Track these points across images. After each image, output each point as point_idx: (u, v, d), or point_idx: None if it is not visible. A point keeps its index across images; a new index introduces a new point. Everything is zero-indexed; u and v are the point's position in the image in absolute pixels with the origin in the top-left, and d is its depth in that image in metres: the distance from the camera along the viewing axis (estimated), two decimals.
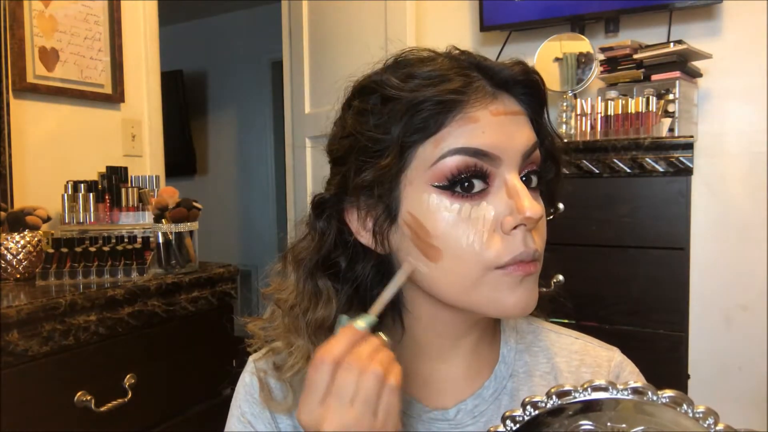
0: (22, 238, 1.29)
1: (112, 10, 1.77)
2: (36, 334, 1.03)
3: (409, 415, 0.57)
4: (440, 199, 0.50)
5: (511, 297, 0.50)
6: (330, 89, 0.59)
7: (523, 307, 0.51)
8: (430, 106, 0.49)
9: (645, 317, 1.47)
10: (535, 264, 0.51)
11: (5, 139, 1.46)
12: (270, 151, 4.38)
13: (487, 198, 0.50)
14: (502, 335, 0.61)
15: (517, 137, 0.51)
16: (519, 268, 0.50)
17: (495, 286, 0.50)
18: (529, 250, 0.50)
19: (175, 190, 1.39)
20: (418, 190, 0.51)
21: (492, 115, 0.50)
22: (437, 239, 0.50)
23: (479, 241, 0.49)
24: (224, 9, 4.27)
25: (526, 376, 0.59)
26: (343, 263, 0.57)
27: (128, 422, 1.17)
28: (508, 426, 0.42)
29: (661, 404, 0.40)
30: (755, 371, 1.74)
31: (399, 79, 0.51)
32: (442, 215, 0.50)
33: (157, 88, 1.95)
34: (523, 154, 0.51)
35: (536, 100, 0.54)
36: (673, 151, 1.43)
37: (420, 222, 0.51)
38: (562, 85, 1.81)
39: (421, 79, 0.51)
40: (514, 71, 0.53)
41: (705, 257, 1.78)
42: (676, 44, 1.65)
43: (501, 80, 0.52)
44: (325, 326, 0.56)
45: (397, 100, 0.50)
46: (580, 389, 0.41)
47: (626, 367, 0.60)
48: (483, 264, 0.49)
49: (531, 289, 0.51)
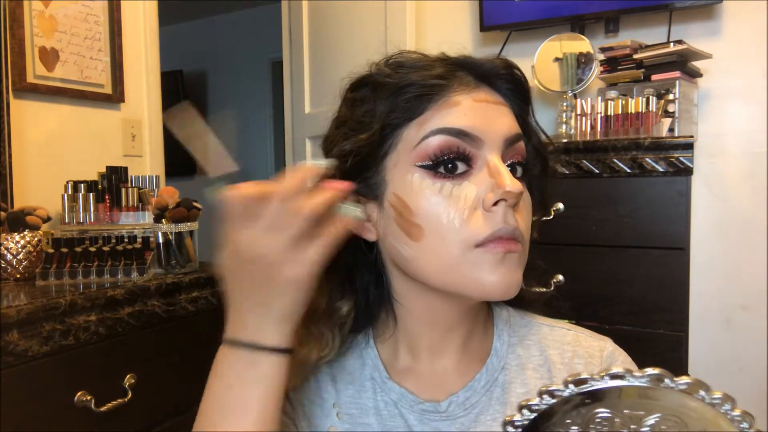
0: (22, 238, 1.29)
1: (112, 10, 1.77)
2: (36, 334, 1.03)
3: (402, 406, 0.57)
4: (423, 178, 0.51)
5: (492, 276, 0.50)
6: (330, 89, 0.61)
7: (505, 287, 0.51)
8: (414, 89, 0.52)
9: (645, 317, 1.47)
10: (516, 243, 0.51)
11: (5, 139, 1.46)
12: (270, 151, 4.38)
13: (469, 178, 0.51)
14: (495, 329, 0.62)
15: (498, 123, 0.53)
16: (498, 244, 0.50)
17: (475, 264, 0.50)
18: (509, 226, 0.50)
19: (175, 190, 1.39)
20: (403, 171, 0.53)
21: (474, 101, 0.53)
22: (419, 217, 0.51)
23: (459, 218, 0.50)
24: (224, 9, 4.27)
25: (519, 369, 0.59)
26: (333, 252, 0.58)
27: (128, 422, 1.17)
28: (525, 415, 0.42)
29: (664, 388, 0.40)
30: (755, 371, 1.74)
31: (389, 69, 0.55)
32: (425, 194, 0.51)
33: (157, 88, 1.95)
34: (505, 140, 0.53)
35: (520, 96, 0.57)
36: (673, 151, 1.43)
37: (404, 201, 0.52)
38: (562, 85, 1.81)
39: (407, 67, 0.54)
40: (495, 64, 0.55)
41: (705, 257, 1.78)
42: (676, 44, 1.65)
43: (483, 72, 0.55)
44: (318, 312, 0.57)
45: (385, 86, 0.54)
46: (598, 377, 0.41)
47: (618, 356, 0.60)
48: (463, 241, 0.50)
49: (513, 270, 0.51)
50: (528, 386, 0.57)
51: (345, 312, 0.59)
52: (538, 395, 0.42)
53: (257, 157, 4.42)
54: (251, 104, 4.41)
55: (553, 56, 1.83)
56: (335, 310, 0.58)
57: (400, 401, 0.57)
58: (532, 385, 0.57)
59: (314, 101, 2.27)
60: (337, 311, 0.58)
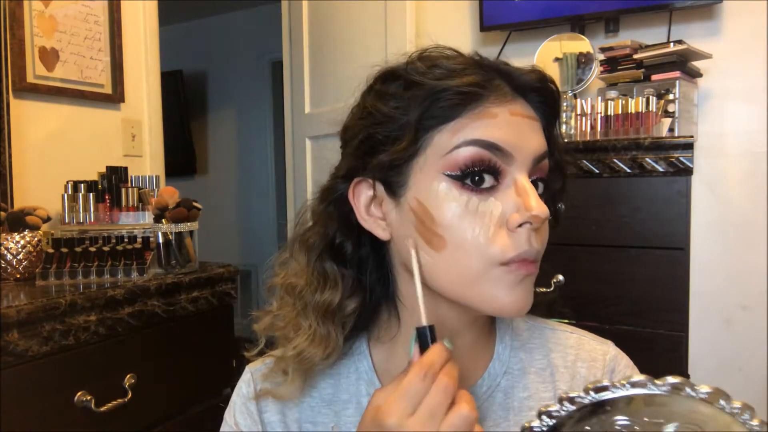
0: (22, 238, 1.29)
1: (112, 10, 1.77)
2: (36, 334, 1.03)
3: None
4: (450, 188, 0.50)
5: (509, 295, 0.50)
6: (330, 89, 0.60)
7: (520, 307, 0.51)
8: (451, 95, 0.50)
9: (645, 317, 1.47)
10: (536, 265, 0.52)
11: (5, 139, 1.46)
12: (270, 151, 4.38)
13: (496, 194, 0.50)
14: (497, 333, 0.61)
15: (531, 140, 0.52)
16: (522, 266, 0.50)
17: (495, 282, 0.50)
18: (533, 249, 0.50)
19: (175, 190, 1.39)
20: (429, 177, 0.51)
21: (510, 114, 0.51)
22: (442, 228, 0.50)
23: (485, 235, 0.50)
24: (224, 9, 4.27)
25: (522, 374, 0.59)
26: (349, 248, 0.58)
27: (128, 422, 1.17)
28: (544, 421, 0.42)
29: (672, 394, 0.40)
30: (755, 371, 1.74)
31: (423, 65, 0.53)
32: (450, 205, 0.50)
33: (157, 88, 1.95)
34: (534, 158, 0.52)
35: (550, 110, 0.55)
36: (673, 151, 1.43)
37: (427, 209, 0.51)
38: (562, 85, 1.81)
39: (445, 69, 0.52)
40: (532, 78, 0.54)
41: (705, 257, 1.78)
42: (676, 44, 1.65)
43: (519, 85, 0.53)
44: (330, 309, 0.57)
45: (420, 86, 0.51)
46: (619, 385, 0.41)
47: (621, 360, 0.60)
48: (487, 258, 0.50)
49: (528, 291, 0.52)
50: (530, 390, 0.57)
51: (351, 310, 0.58)
52: (558, 402, 0.42)
53: (257, 157, 4.43)
54: (251, 104, 4.40)
55: (553, 56, 1.83)
56: (343, 308, 0.58)
57: None
58: (534, 389, 0.57)
59: (314, 101, 2.27)
60: (344, 309, 0.58)
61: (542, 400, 0.56)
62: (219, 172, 4.58)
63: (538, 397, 0.57)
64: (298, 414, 0.60)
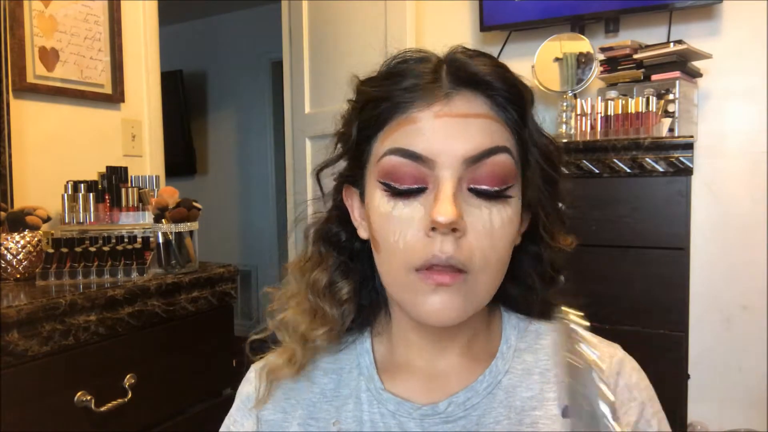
0: (22, 238, 1.29)
1: (112, 10, 1.77)
2: (36, 334, 1.03)
3: (401, 416, 0.57)
4: (381, 194, 0.52)
5: (425, 304, 0.50)
6: (330, 89, 0.62)
7: (438, 318, 0.50)
8: (380, 104, 0.53)
9: (645, 317, 1.47)
10: (455, 274, 0.49)
11: (5, 139, 1.46)
12: (270, 151, 4.37)
13: (421, 199, 0.50)
14: (503, 333, 0.61)
15: (459, 142, 0.49)
16: (429, 274, 0.49)
17: (413, 289, 0.51)
18: (441, 255, 0.48)
19: (175, 190, 1.39)
20: (371, 184, 0.54)
21: (435, 117, 0.50)
22: (376, 232, 0.53)
23: (403, 239, 0.50)
24: (224, 9, 4.27)
25: (525, 374, 0.59)
26: (343, 237, 0.62)
27: (128, 422, 1.17)
28: None
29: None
30: (755, 371, 1.74)
31: (370, 77, 0.56)
32: (379, 210, 0.52)
33: (157, 88, 1.95)
34: (464, 160, 0.49)
35: (513, 106, 0.52)
36: (673, 151, 1.43)
37: (369, 213, 0.54)
38: (562, 85, 1.81)
39: (382, 77, 0.55)
40: (481, 69, 0.51)
41: (705, 257, 1.78)
42: (676, 44, 1.65)
43: (465, 76, 0.51)
44: (318, 287, 0.60)
45: (361, 95, 0.56)
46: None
47: (627, 363, 0.60)
48: (404, 264, 0.51)
49: (448, 300, 0.49)
50: (533, 391, 0.57)
51: (345, 293, 0.60)
52: None
53: (257, 157, 4.42)
54: (251, 104, 4.40)
55: (553, 56, 1.83)
56: (336, 290, 0.60)
57: (398, 411, 0.57)
58: (537, 390, 0.57)
59: (314, 101, 2.27)
60: (338, 291, 0.60)
61: (547, 400, 0.56)
62: (219, 172, 4.58)
63: (543, 397, 0.57)
64: (300, 411, 0.60)
